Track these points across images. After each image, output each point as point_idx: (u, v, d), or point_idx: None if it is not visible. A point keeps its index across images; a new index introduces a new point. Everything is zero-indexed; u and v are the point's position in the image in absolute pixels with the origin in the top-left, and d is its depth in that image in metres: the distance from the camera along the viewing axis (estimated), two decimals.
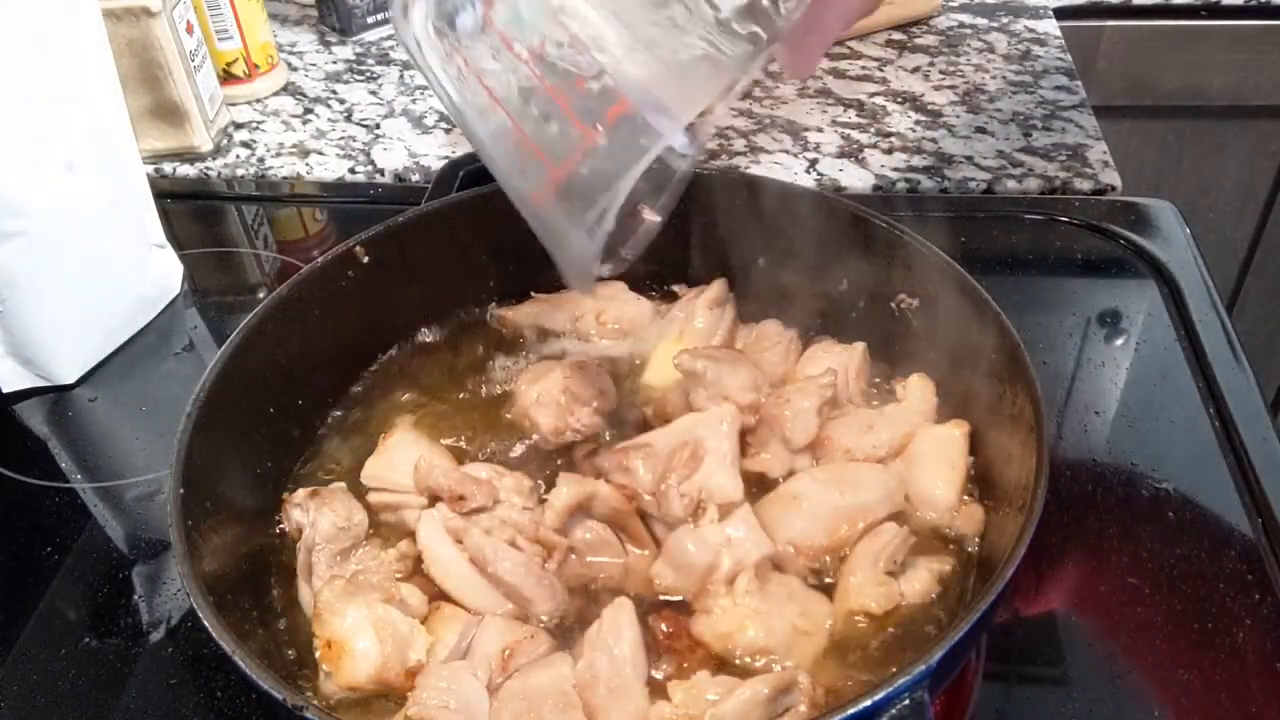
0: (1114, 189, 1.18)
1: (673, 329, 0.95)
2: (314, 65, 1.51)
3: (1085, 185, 1.18)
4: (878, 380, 0.89)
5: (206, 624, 0.62)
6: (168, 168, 1.31)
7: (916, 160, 1.23)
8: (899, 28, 1.49)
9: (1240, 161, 1.69)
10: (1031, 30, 1.47)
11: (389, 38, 1.56)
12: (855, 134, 1.28)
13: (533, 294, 0.99)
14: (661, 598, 0.74)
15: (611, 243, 0.68)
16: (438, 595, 0.74)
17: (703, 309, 0.95)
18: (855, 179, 1.21)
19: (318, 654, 0.71)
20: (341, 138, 1.35)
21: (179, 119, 1.27)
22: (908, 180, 1.20)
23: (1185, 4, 1.57)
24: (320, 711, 0.57)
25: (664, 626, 0.71)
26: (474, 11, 0.62)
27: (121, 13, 1.15)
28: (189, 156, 1.31)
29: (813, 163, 1.24)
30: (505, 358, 0.96)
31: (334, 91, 1.45)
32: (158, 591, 0.84)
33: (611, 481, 0.79)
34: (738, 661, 0.70)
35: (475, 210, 0.94)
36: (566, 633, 0.73)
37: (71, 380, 1.03)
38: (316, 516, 0.78)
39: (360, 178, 1.29)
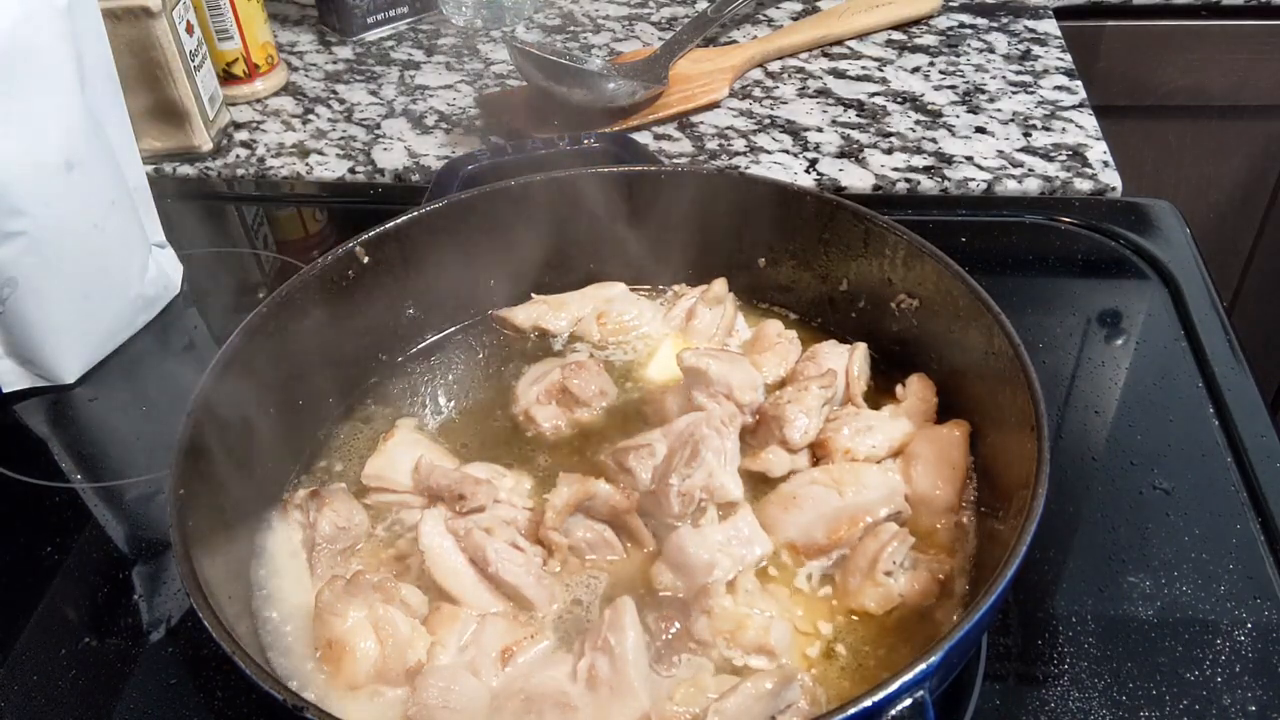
0: (1114, 189, 1.18)
1: (673, 328, 0.96)
2: (314, 65, 1.51)
3: (1085, 185, 1.18)
4: (877, 380, 0.89)
5: (206, 624, 0.62)
6: (168, 168, 1.30)
7: (916, 160, 1.23)
8: (899, 28, 1.49)
9: (1240, 161, 1.68)
10: (1031, 30, 1.47)
11: (389, 38, 1.56)
12: (855, 134, 1.28)
13: (533, 295, 0.99)
14: (661, 596, 0.74)
15: None
16: (438, 595, 0.74)
17: (703, 308, 0.95)
18: (855, 179, 1.21)
19: (318, 654, 0.71)
20: (341, 138, 1.35)
21: (179, 119, 1.27)
22: (908, 180, 1.20)
23: (1185, 4, 1.56)
24: (320, 711, 0.57)
25: (664, 626, 0.71)
26: None
27: (121, 13, 1.15)
28: (189, 156, 1.31)
29: (813, 163, 1.24)
30: (506, 358, 0.96)
31: (334, 91, 1.45)
32: (158, 591, 0.84)
33: (611, 481, 0.79)
34: (738, 661, 0.70)
35: (475, 210, 0.94)
36: (567, 632, 0.73)
37: (71, 380, 1.03)
38: (317, 517, 0.78)
39: (360, 178, 1.29)
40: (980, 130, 1.27)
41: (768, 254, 0.96)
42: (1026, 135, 1.26)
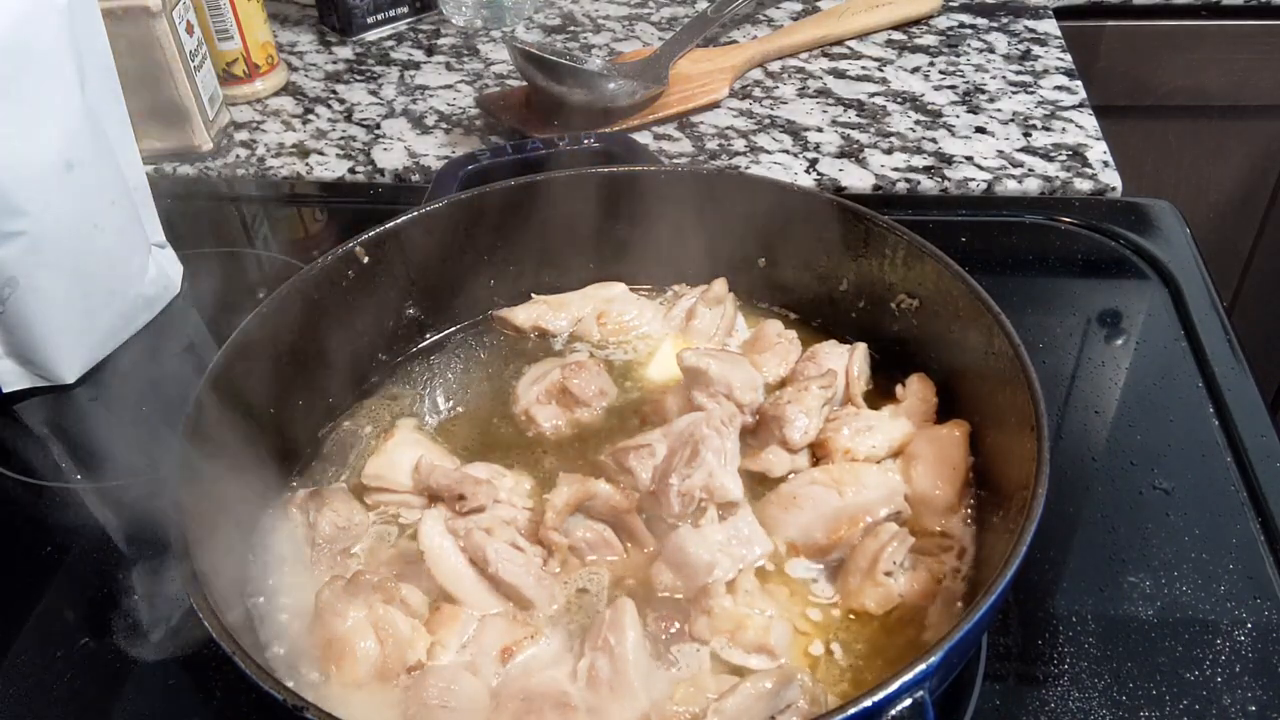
0: (1114, 189, 1.18)
1: (673, 328, 0.96)
2: (314, 65, 1.51)
3: (1085, 185, 1.18)
4: (877, 380, 0.89)
5: (206, 624, 0.62)
6: (168, 168, 1.30)
7: (916, 160, 1.23)
8: (899, 28, 1.49)
9: (1240, 161, 1.68)
10: (1031, 30, 1.47)
11: (389, 38, 1.56)
12: (855, 134, 1.28)
13: (533, 295, 0.99)
14: (661, 596, 0.74)
15: None
16: (438, 595, 0.74)
17: (703, 308, 0.95)
18: (855, 179, 1.21)
19: (318, 654, 0.71)
20: (341, 138, 1.35)
21: (179, 119, 1.27)
22: (908, 180, 1.20)
23: (1185, 4, 1.56)
24: (320, 711, 0.57)
25: (664, 626, 0.71)
26: None
27: (121, 13, 1.15)
28: (189, 156, 1.31)
29: (813, 163, 1.24)
30: (506, 358, 0.96)
31: (334, 91, 1.45)
32: (158, 591, 0.84)
33: (611, 481, 0.79)
34: (738, 661, 0.70)
35: (475, 210, 0.94)
36: (567, 632, 0.73)
37: (71, 380, 1.03)
38: (317, 517, 0.78)
39: (360, 178, 1.29)
40: (980, 130, 1.27)
41: (768, 254, 0.96)
42: (1026, 135, 1.26)
